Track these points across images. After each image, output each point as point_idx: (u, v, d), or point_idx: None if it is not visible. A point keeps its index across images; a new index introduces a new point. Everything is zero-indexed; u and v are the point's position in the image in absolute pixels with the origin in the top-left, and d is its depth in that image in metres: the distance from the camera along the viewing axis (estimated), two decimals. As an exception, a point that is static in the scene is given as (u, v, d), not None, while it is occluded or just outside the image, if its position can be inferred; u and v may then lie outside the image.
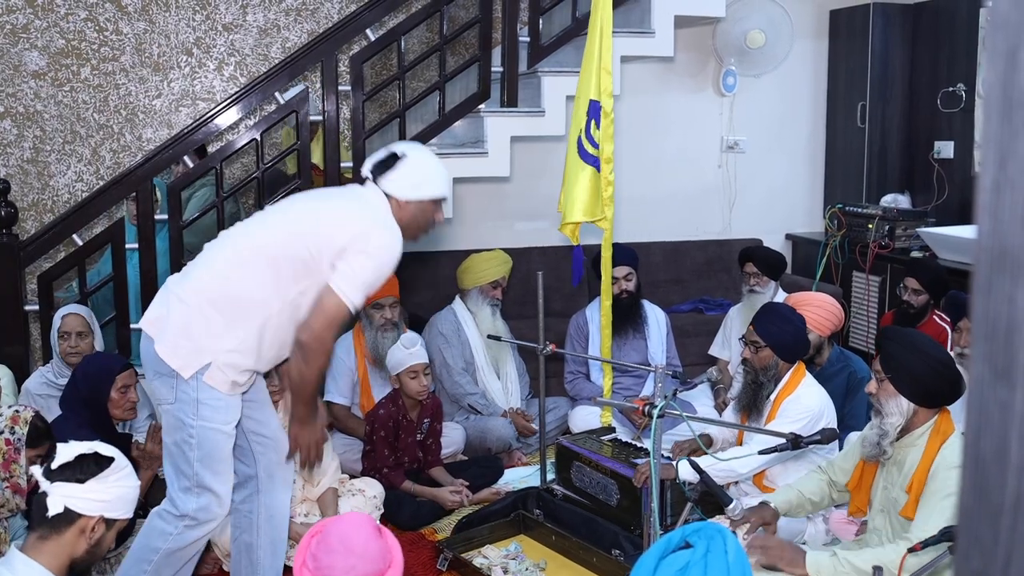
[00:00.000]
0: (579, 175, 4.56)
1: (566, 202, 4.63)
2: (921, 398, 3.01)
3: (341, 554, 2.27)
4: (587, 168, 4.54)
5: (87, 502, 2.38)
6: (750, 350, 3.92)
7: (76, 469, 2.38)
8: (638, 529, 3.76)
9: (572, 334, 5.30)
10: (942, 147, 6.33)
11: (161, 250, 4.86)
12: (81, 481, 2.37)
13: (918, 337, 3.13)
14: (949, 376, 2.98)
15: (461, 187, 5.47)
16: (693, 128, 6.79)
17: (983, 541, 0.74)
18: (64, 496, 2.36)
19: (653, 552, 1.84)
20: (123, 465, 2.46)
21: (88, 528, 2.39)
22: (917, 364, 2.99)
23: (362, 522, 2.38)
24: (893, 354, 3.05)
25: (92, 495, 2.38)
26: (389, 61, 5.92)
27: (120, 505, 2.46)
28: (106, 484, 2.40)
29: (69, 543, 2.39)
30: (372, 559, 2.30)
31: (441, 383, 5.08)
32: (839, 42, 6.87)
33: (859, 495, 3.27)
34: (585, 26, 5.19)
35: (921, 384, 2.99)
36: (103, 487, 2.40)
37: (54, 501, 2.36)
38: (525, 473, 4.80)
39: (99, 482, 2.39)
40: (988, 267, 0.72)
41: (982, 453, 0.74)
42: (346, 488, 4.08)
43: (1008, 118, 0.71)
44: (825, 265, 6.46)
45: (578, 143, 4.57)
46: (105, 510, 2.41)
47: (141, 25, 5.75)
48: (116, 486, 2.42)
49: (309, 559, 2.31)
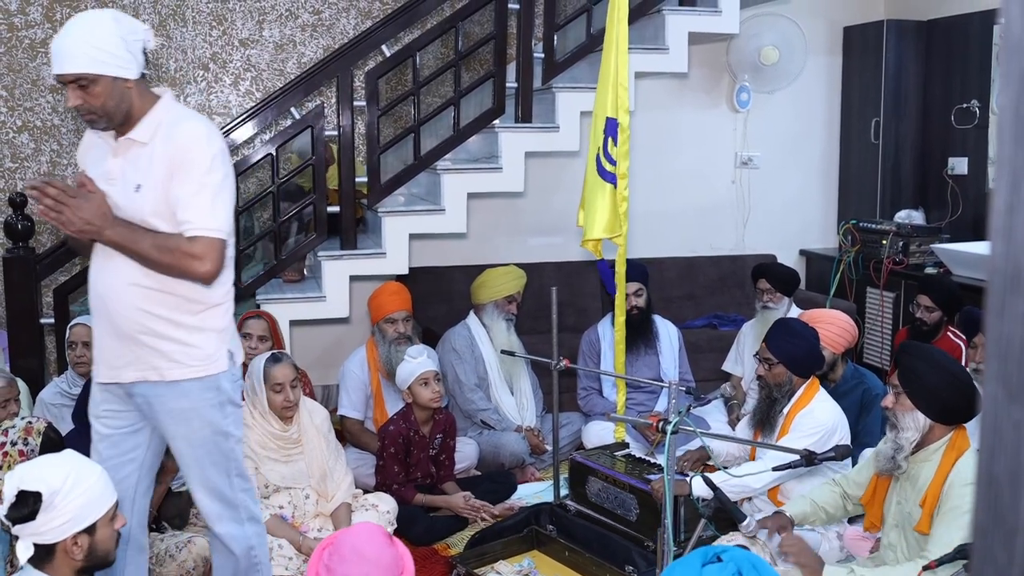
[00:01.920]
0: (598, 193, 4.55)
1: (587, 219, 4.63)
2: (938, 414, 3.00)
3: (355, 563, 2.27)
4: (606, 186, 4.54)
5: (50, 533, 2.34)
6: (763, 367, 3.92)
7: (21, 507, 2.32)
8: (652, 545, 3.75)
9: (584, 350, 5.30)
10: (956, 163, 6.32)
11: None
12: (32, 517, 2.32)
13: (937, 353, 3.13)
14: (967, 392, 2.97)
15: (475, 202, 5.49)
16: (707, 144, 6.79)
17: (997, 561, 0.74)
18: (29, 536, 2.33)
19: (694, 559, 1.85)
20: (58, 487, 2.34)
21: (70, 547, 2.37)
22: (936, 380, 2.98)
23: (374, 530, 2.38)
24: (912, 369, 3.04)
25: (50, 525, 2.34)
26: (404, 77, 5.94)
27: (86, 513, 2.39)
28: (55, 511, 2.34)
29: (63, 563, 2.38)
30: (386, 566, 2.30)
31: (454, 399, 5.09)
32: (853, 58, 6.87)
33: (873, 510, 3.26)
34: (599, 42, 5.21)
35: (939, 400, 2.99)
36: (55, 514, 2.34)
37: (23, 545, 2.33)
38: (538, 488, 4.79)
39: (48, 512, 2.33)
40: (1002, 288, 0.73)
41: (996, 473, 0.75)
42: (359, 503, 4.09)
43: (1021, 141, 0.72)
44: (839, 281, 6.45)
45: (596, 161, 4.56)
46: (72, 527, 2.36)
47: (158, 40, 5.79)
48: (67, 504, 2.35)
49: (323, 571, 2.30)
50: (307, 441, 3.96)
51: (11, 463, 3.19)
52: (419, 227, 5.10)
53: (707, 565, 1.84)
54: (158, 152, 2.69)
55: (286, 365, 3.91)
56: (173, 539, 3.69)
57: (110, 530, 2.48)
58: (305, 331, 5.68)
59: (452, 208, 5.09)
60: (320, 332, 5.87)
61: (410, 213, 5.10)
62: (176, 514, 3.96)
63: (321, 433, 4.00)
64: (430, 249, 6.03)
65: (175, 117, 2.75)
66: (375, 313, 4.90)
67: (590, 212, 4.60)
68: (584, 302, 6.27)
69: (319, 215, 4.97)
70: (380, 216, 5.06)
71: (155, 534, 3.70)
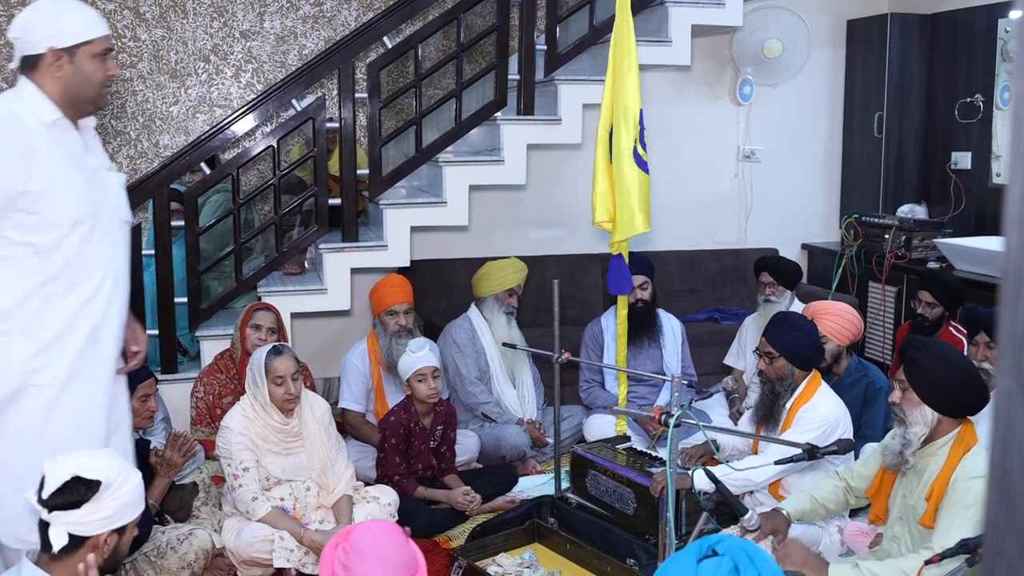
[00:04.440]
0: (634, 185, 4.44)
1: (620, 216, 4.49)
2: (946, 408, 2.99)
3: (376, 563, 2.23)
4: (645, 177, 4.46)
5: (90, 524, 2.34)
6: (764, 361, 3.91)
7: (68, 494, 2.32)
8: (653, 538, 3.75)
9: (587, 343, 5.29)
10: (959, 158, 6.31)
11: (178, 259, 4.89)
12: (77, 506, 2.32)
13: (943, 347, 3.12)
14: (974, 386, 2.96)
15: (477, 195, 5.48)
16: (709, 137, 6.78)
17: (1009, 556, 0.74)
18: (65, 524, 2.32)
19: (688, 555, 1.83)
20: (112, 479, 2.38)
21: (100, 543, 2.37)
22: (943, 374, 2.97)
23: (390, 528, 2.37)
24: (918, 363, 3.03)
25: (92, 516, 2.34)
26: (406, 69, 5.93)
27: (125, 512, 2.42)
28: (102, 503, 2.35)
29: (76, 561, 2.36)
30: (407, 565, 2.29)
31: (455, 392, 5.08)
32: (856, 52, 6.85)
33: (879, 502, 3.26)
34: (602, 35, 5.21)
35: (947, 394, 2.98)
36: (100, 506, 2.34)
37: (57, 532, 2.32)
38: (539, 481, 4.79)
39: (96, 503, 2.33)
40: (1016, 279, 0.72)
41: (1008, 467, 0.74)
42: (361, 495, 4.08)
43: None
44: (841, 275, 6.44)
45: (634, 153, 4.46)
46: (111, 523, 2.37)
47: (159, 32, 5.78)
48: (114, 499, 2.37)
49: (340, 569, 2.27)
50: (308, 434, 3.95)
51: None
52: (421, 219, 5.09)
53: (703, 560, 1.82)
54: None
55: (287, 358, 3.90)
56: (175, 531, 3.68)
57: (130, 536, 2.49)
58: (306, 324, 5.68)
59: (454, 201, 5.08)
60: (321, 325, 5.86)
61: (412, 205, 5.09)
62: (179, 507, 3.96)
63: (322, 426, 3.99)
64: (432, 242, 6.02)
65: None
66: (376, 305, 4.89)
67: (624, 207, 4.47)
68: (586, 295, 6.26)
69: (320, 207, 4.96)
70: (382, 208, 5.05)
71: (157, 526, 3.70)
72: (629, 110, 4.45)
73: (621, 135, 4.45)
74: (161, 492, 3.80)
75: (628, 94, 4.46)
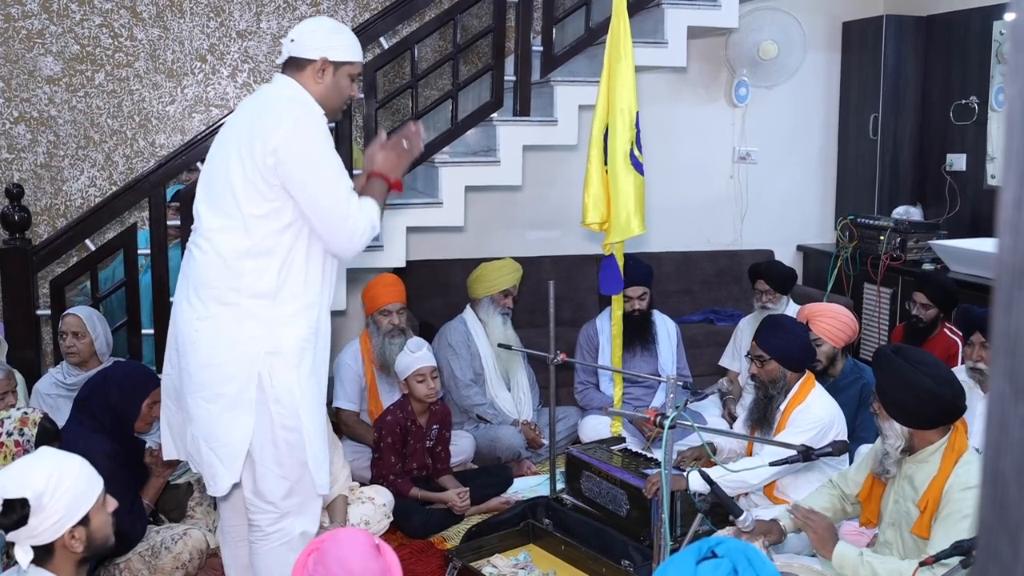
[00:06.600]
0: (631, 187, 4.46)
1: (615, 217, 4.51)
2: (913, 423, 3.00)
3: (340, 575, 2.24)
4: (639, 177, 4.47)
5: (44, 533, 2.32)
6: (756, 364, 3.91)
7: (10, 514, 2.29)
8: (647, 540, 3.75)
9: (582, 344, 5.29)
10: (954, 159, 6.32)
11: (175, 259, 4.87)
12: (24, 522, 2.29)
13: (906, 363, 3.00)
14: (938, 402, 2.94)
15: (473, 195, 5.47)
16: (705, 139, 6.78)
17: (1002, 558, 0.74)
18: (24, 540, 2.31)
19: (687, 556, 1.83)
20: (42, 488, 2.30)
21: (68, 541, 2.35)
22: (902, 392, 2.97)
23: (360, 540, 2.31)
24: (880, 381, 3.05)
25: (43, 525, 2.31)
26: (402, 69, 5.93)
27: (75, 507, 2.36)
28: (45, 512, 2.31)
29: (65, 557, 2.37)
30: None
31: (449, 394, 5.08)
32: (852, 54, 6.86)
33: (869, 506, 3.26)
34: (598, 36, 5.20)
35: (909, 411, 2.98)
36: (45, 515, 2.31)
37: (21, 549, 2.31)
38: (534, 482, 4.79)
39: (38, 515, 2.30)
40: (1009, 283, 0.72)
41: (1002, 469, 0.74)
42: (356, 496, 4.08)
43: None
44: (836, 277, 6.45)
45: (631, 156, 4.47)
46: (66, 523, 2.34)
47: (155, 31, 5.78)
48: (55, 503, 2.32)
49: None
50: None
51: (7, 454, 3.18)
52: (416, 220, 5.08)
53: (702, 562, 1.82)
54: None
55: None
56: (169, 531, 3.68)
57: (104, 516, 2.45)
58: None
59: (449, 201, 5.08)
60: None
61: (407, 206, 5.08)
62: (174, 507, 3.96)
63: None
64: (427, 242, 6.02)
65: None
66: (369, 305, 4.89)
67: (620, 209, 4.47)
68: (581, 296, 6.26)
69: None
70: (377, 209, 5.03)
71: (152, 526, 3.70)
72: (627, 112, 4.46)
73: (617, 137, 4.45)
74: (156, 492, 3.79)
75: (626, 96, 4.46)
